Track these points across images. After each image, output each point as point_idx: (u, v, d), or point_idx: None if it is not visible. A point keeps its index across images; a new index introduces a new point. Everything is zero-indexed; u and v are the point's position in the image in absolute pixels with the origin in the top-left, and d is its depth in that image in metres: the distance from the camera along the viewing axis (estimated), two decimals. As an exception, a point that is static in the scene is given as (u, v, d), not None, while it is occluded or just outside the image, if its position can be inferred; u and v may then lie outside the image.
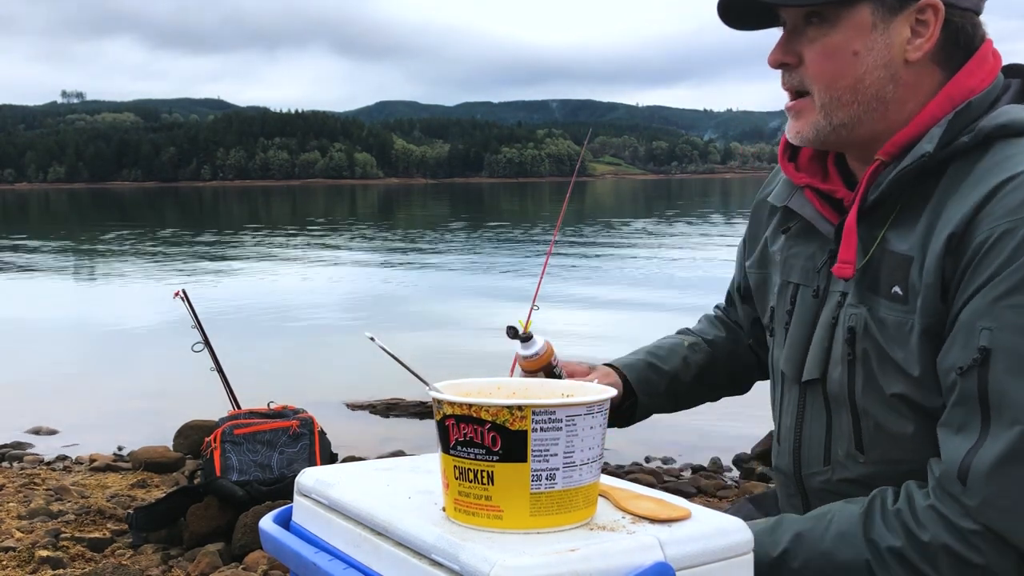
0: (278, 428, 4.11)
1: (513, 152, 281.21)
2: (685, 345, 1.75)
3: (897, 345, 1.26)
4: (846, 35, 1.30)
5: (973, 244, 1.19)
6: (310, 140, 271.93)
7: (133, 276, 16.18)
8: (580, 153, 63.84)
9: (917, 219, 1.28)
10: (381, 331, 1.41)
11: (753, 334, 1.75)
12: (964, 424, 1.17)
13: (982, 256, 1.18)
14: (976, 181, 1.23)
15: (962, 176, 1.25)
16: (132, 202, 75.86)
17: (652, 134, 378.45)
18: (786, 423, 1.46)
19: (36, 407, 6.70)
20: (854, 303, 1.32)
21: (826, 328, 1.37)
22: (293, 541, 1.18)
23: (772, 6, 1.34)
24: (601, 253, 19.17)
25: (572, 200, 3.34)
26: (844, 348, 1.32)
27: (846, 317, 1.33)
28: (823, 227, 1.42)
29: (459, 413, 1.00)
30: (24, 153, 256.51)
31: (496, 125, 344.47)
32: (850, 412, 1.33)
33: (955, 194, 1.24)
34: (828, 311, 1.38)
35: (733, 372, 1.78)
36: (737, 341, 1.77)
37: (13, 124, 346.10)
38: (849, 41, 1.30)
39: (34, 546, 3.73)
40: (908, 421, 1.27)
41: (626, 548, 0.97)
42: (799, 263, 1.46)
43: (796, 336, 1.44)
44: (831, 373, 1.35)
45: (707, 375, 1.75)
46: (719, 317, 1.83)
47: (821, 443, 1.39)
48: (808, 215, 1.44)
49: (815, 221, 1.43)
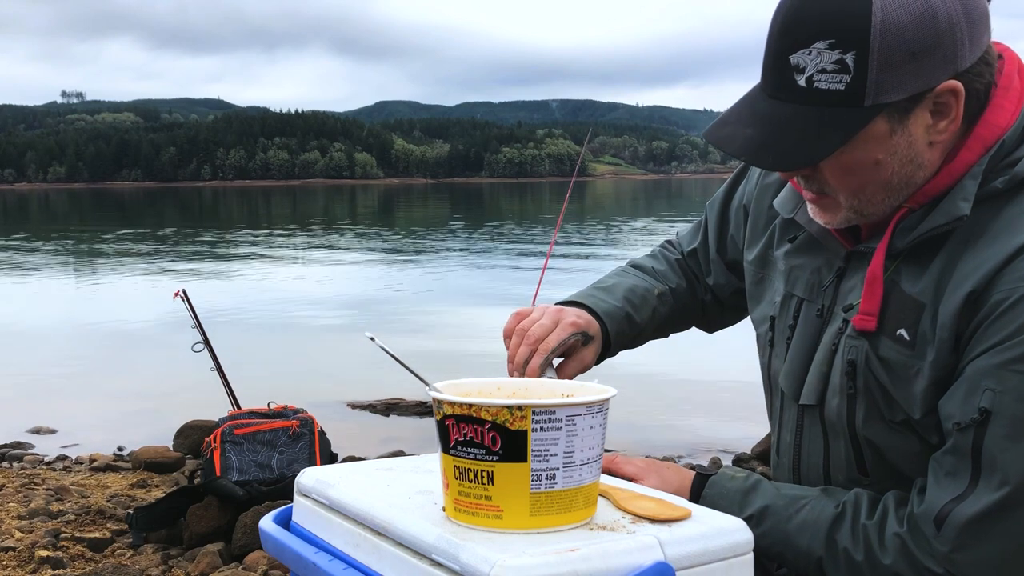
0: (278, 428, 4.11)
1: (513, 152, 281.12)
2: (655, 295, 1.66)
3: (900, 385, 1.24)
4: (865, 149, 1.20)
5: (990, 302, 1.16)
6: (310, 140, 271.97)
7: (133, 276, 16.18)
8: (580, 153, 63.84)
9: (931, 259, 1.23)
10: (381, 331, 1.41)
11: (714, 294, 1.71)
12: (954, 472, 1.18)
13: (997, 316, 1.15)
14: (1001, 232, 1.18)
15: (986, 222, 1.20)
16: (132, 202, 75.88)
17: (652, 134, 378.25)
18: (785, 439, 1.45)
19: (36, 407, 6.70)
20: (854, 335, 1.28)
21: (826, 352, 1.34)
22: (293, 541, 1.18)
23: (770, 170, 1.28)
24: (601, 253, 19.17)
25: (572, 200, 3.34)
26: (844, 380, 1.30)
27: (846, 348, 1.29)
28: (832, 245, 1.37)
29: (459, 413, 1.00)
30: (24, 153, 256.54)
31: (496, 125, 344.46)
32: (849, 441, 1.32)
33: (977, 243, 1.20)
34: (830, 335, 1.34)
35: (684, 323, 1.75)
36: (694, 293, 1.72)
37: (13, 124, 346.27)
38: (869, 154, 1.21)
39: (34, 546, 3.73)
40: (914, 441, 1.27)
41: (626, 548, 0.97)
42: (804, 276, 1.41)
43: (797, 354, 1.40)
44: (829, 401, 1.33)
45: (666, 326, 1.70)
46: (680, 263, 1.74)
47: (820, 464, 1.39)
48: (816, 231, 1.38)
49: (823, 239, 1.38)
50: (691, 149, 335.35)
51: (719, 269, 1.68)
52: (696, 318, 1.75)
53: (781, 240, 1.47)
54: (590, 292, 1.64)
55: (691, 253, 1.73)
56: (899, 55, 1.14)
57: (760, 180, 1.56)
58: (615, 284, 1.66)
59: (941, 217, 1.22)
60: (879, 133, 1.19)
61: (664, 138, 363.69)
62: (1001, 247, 1.17)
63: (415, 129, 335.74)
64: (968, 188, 1.21)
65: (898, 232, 1.26)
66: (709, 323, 1.77)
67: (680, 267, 1.74)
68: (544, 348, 1.43)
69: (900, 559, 1.20)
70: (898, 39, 1.13)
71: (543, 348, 1.43)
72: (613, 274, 1.72)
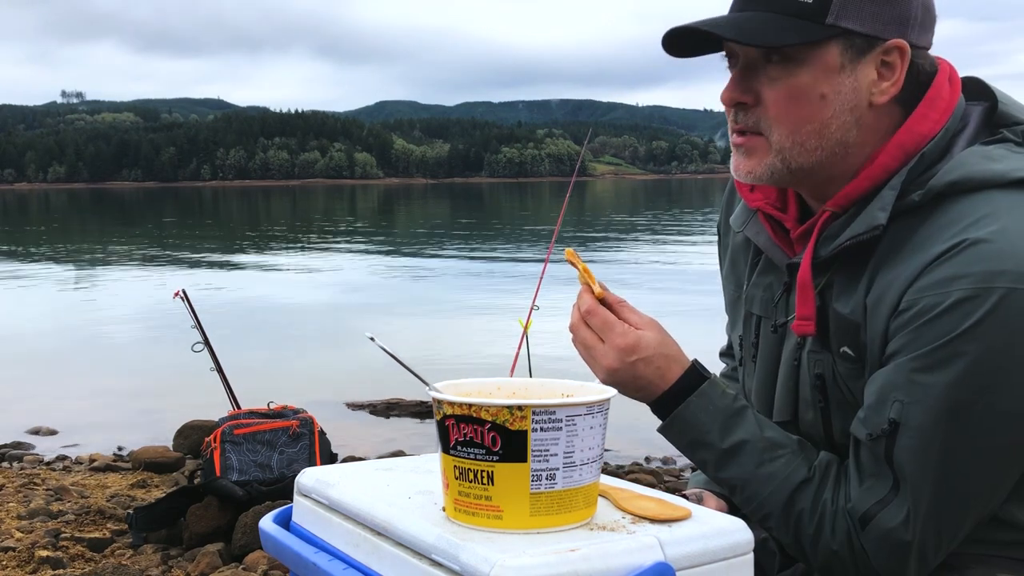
0: (278, 428, 4.11)
1: (513, 152, 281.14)
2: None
3: (857, 395, 1.26)
4: (813, 76, 1.22)
5: (900, 310, 1.18)
6: (310, 140, 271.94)
7: (133, 276, 16.18)
8: (580, 153, 63.89)
9: (858, 279, 1.24)
10: (381, 331, 1.40)
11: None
12: (877, 474, 1.21)
13: (905, 323, 1.17)
14: (916, 247, 1.19)
15: (904, 237, 1.21)
16: (132, 202, 75.85)
17: (652, 134, 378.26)
18: None
19: (36, 407, 6.70)
20: (816, 349, 1.30)
21: (789, 368, 1.35)
22: (293, 541, 1.18)
23: (729, 40, 1.25)
24: (601, 254, 19.16)
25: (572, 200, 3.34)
26: (814, 394, 1.31)
27: (811, 363, 1.30)
28: (778, 258, 1.37)
29: (459, 413, 1.00)
30: (24, 153, 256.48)
31: (496, 125, 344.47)
32: (829, 449, 1.32)
33: (895, 259, 1.21)
34: (788, 351, 1.35)
35: None
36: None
37: (13, 124, 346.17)
38: (816, 83, 1.22)
39: (34, 546, 3.73)
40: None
41: (626, 548, 0.97)
42: (759, 293, 1.42)
43: (762, 373, 1.41)
44: (802, 415, 1.34)
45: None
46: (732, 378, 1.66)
47: None
48: (763, 244, 1.39)
49: (769, 252, 1.39)
50: (691, 149, 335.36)
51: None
52: None
53: (746, 258, 1.48)
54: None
55: (729, 352, 1.69)
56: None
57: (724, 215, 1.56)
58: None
59: (860, 226, 1.23)
60: (830, 63, 1.22)
61: (664, 138, 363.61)
62: (917, 259, 1.18)
63: (415, 129, 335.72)
64: (886, 198, 1.22)
65: (822, 240, 1.27)
66: None
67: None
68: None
69: (844, 543, 1.23)
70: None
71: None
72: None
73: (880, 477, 1.20)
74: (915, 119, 1.25)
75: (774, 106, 1.25)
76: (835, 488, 1.26)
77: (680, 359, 1.32)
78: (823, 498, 1.25)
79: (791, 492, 1.26)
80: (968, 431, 1.15)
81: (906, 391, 1.16)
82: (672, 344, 1.32)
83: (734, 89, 1.27)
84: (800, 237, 1.33)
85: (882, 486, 1.20)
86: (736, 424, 1.29)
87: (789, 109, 1.24)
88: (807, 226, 1.32)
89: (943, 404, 1.14)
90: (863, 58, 1.23)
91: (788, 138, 1.25)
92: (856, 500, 1.22)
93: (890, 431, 1.17)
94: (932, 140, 1.24)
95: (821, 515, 1.25)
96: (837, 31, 1.20)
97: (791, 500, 1.26)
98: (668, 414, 1.31)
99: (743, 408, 1.31)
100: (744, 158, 1.30)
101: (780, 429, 1.32)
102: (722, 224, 1.58)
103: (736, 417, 1.29)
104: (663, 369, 1.29)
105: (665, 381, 1.30)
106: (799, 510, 1.26)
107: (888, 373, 1.18)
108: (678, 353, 1.32)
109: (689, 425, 1.30)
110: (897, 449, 1.17)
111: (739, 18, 1.24)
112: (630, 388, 1.30)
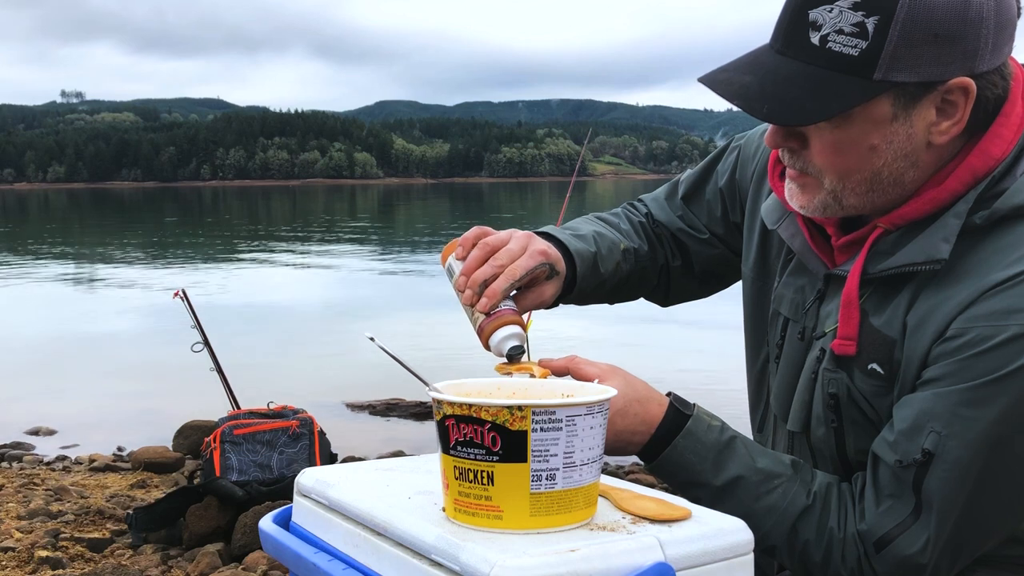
0: (278, 428, 4.11)
1: (513, 152, 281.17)
2: (620, 248, 1.54)
3: (881, 413, 1.22)
4: (862, 129, 1.13)
5: (948, 337, 1.13)
6: (310, 140, 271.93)
7: (133, 276, 16.18)
8: (580, 153, 63.89)
9: (898, 291, 1.19)
10: (381, 331, 1.40)
11: (680, 267, 1.61)
12: (897, 496, 1.17)
13: (952, 352, 1.12)
14: (972, 270, 1.13)
15: (956, 256, 1.15)
16: (132, 202, 75.84)
17: (652, 134, 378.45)
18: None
19: (36, 407, 6.70)
20: (831, 368, 1.24)
21: (807, 380, 1.30)
22: (293, 541, 1.18)
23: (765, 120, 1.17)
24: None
25: (572, 200, 3.33)
26: (827, 413, 1.26)
27: (826, 380, 1.25)
28: (814, 266, 1.31)
29: (459, 413, 1.00)
30: (24, 153, 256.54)
31: (496, 125, 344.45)
32: (840, 466, 1.29)
33: (948, 280, 1.15)
34: (810, 362, 1.29)
35: (639, 289, 1.63)
36: (654, 260, 1.61)
37: (13, 124, 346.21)
38: (866, 135, 1.14)
39: (34, 546, 3.73)
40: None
41: (626, 548, 0.97)
42: (788, 294, 1.36)
43: (784, 376, 1.37)
44: (814, 430, 1.29)
45: (622, 287, 1.58)
46: (644, 226, 1.62)
47: None
48: (798, 248, 1.32)
49: (805, 258, 1.32)
50: (691, 149, 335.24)
51: (693, 235, 1.60)
52: (651, 286, 1.64)
53: (779, 255, 1.42)
54: (560, 229, 1.50)
55: (653, 212, 1.64)
56: (921, 33, 1.08)
57: (756, 157, 1.48)
58: (584, 229, 1.52)
59: (919, 255, 1.16)
60: (880, 115, 1.12)
61: (664, 138, 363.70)
62: (971, 285, 1.12)
63: (415, 129, 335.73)
64: (951, 227, 1.15)
65: (872, 255, 1.21)
66: (666, 294, 1.65)
67: (643, 229, 1.62)
68: (511, 273, 1.30)
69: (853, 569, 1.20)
70: (925, 15, 1.07)
71: (510, 272, 1.31)
72: (581, 220, 1.58)
73: (901, 499, 1.16)
74: (988, 139, 1.16)
75: (820, 156, 1.17)
76: (839, 513, 1.22)
77: (655, 397, 1.26)
78: (828, 526, 1.22)
79: (793, 523, 1.22)
80: (1005, 466, 1.12)
81: (946, 423, 1.11)
82: (639, 384, 1.26)
83: (778, 135, 1.20)
84: (843, 247, 1.27)
85: (902, 509, 1.16)
86: (727, 459, 1.24)
87: (836, 161, 1.17)
88: (853, 237, 1.25)
89: (984, 440, 1.10)
90: (919, 103, 1.12)
91: (839, 183, 1.18)
92: (873, 523, 1.18)
93: (923, 461, 1.13)
94: (1004, 162, 1.15)
95: (829, 543, 1.21)
96: (887, 86, 1.10)
97: (794, 530, 1.22)
98: (655, 458, 1.26)
99: (731, 440, 1.25)
100: (799, 192, 1.24)
101: (772, 454, 1.28)
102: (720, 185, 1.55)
103: (726, 451, 1.24)
104: (641, 415, 1.23)
105: (648, 427, 1.24)
106: (804, 540, 1.22)
107: (926, 400, 1.13)
108: (648, 392, 1.26)
109: (679, 467, 1.25)
110: (929, 479, 1.13)
111: (777, 78, 1.14)
112: (618, 447, 1.24)
